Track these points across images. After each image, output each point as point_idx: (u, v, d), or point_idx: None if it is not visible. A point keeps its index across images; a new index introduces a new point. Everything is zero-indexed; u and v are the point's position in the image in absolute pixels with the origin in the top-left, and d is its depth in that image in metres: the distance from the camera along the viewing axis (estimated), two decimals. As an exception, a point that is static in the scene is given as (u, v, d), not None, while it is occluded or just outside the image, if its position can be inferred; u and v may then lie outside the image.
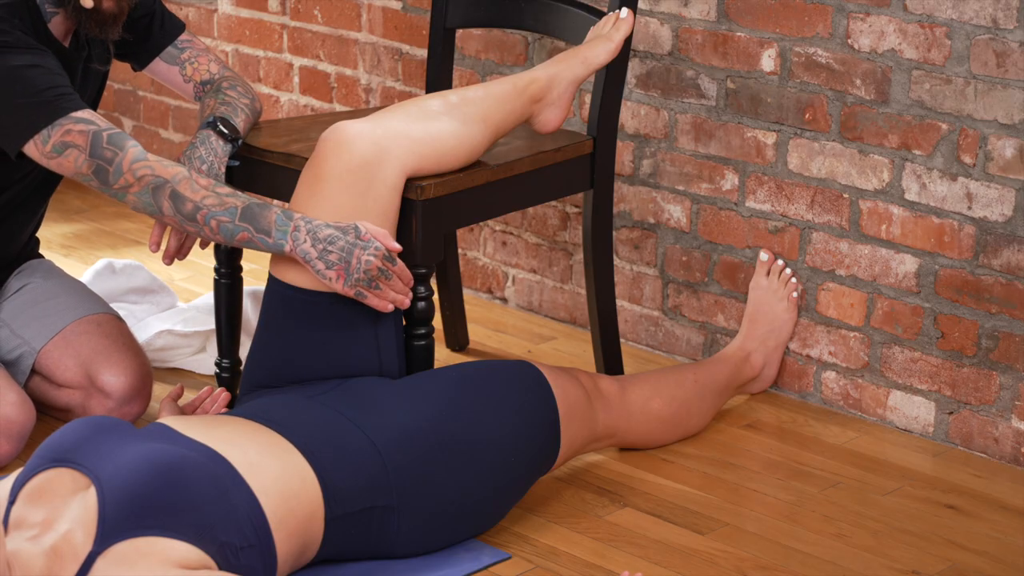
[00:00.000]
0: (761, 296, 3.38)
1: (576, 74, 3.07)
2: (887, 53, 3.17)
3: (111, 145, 2.89)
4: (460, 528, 2.75)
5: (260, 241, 2.82)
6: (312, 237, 2.78)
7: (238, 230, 2.83)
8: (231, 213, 2.83)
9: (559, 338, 3.72)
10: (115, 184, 2.89)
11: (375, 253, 2.76)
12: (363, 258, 2.75)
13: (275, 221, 2.81)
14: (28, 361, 3.20)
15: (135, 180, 2.87)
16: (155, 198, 2.87)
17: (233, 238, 2.84)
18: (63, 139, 2.89)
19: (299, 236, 2.79)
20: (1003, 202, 3.06)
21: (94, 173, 2.90)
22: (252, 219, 2.82)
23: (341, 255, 2.76)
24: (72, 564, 2.35)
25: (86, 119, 2.90)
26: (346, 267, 2.76)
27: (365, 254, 2.76)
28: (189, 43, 3.26)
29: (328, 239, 2.77)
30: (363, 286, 2.77)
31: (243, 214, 2.83)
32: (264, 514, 2.48)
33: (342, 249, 2.76)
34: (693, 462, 3.14)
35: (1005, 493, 3.03)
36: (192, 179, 2.87)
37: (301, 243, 2.78)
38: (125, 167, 2.88)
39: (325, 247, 2.77)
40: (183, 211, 2.86)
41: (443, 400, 2.75)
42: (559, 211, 3.75)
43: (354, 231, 2.77)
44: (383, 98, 4.03)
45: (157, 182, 2.86)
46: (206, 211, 2.84)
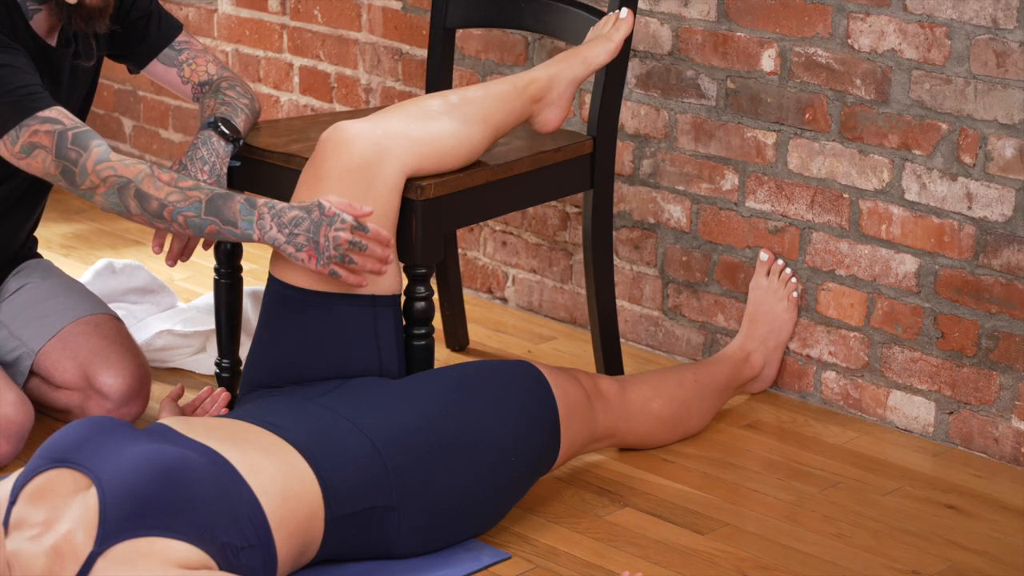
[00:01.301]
0: (761, 296, 3.38)
1: (576, 74, 3.07)
2: (887, 53, 3.17)
3: (75, 145, 2.88)
4: (460, 528, 2.75)
5: (228, 232, 2.81)
6: (277, 222, 2.76)
7: (205, 223, 2.82)
8: (196, 207, 2.82)
9: (559, 338, 3.72)
10: (82, 185, 2.87)
11: (342, 226, 2.73)
12: (330, 235, 2.73)
13: (239, 211, 2.79)
14: (26, 362, 3.20)
15: (100, 181, 2.86)
16: (121, 198, 2.86)
17: (202, 231, 2.83)
18: (30, 140, 2.88)
19: (264, 224, 2.77)
20: (1003, 202, 3.06)
21: (61, 174, 2.89)
22: (217, 211, 2.81)
23: (308, 235, 2.74)
24: (73, 564, 2.35)
25: (53, 118, 2.89)
26: (315, 246, 2.74)
27: (332, 230, 2.73)
28: (187, 44, 3.25)
29: (293, 221, 2.75)
30: (336, 263, 2.74)
31: (208, 207, 2.82)
32: (264, 514, 2.48)
33: (308, 229, 2.74)
34: (693, 462, 3.14)
35: (1005, 493, 3.03)
36: (154, 176, 2.85)
37: (268, 231, 2.77)
38: (89, 168, 2.87)
39: (291, 230, 2.75)
40: (149, 209, 2.85)
41: (443, 400, 2.75)
42: (559, 211, 3.75)
43: (318, 208, 2.74)
44: (383, 98, 4.03)
45: (121, 182, 2.85)
46: (171, 207, 2.83)
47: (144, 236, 4.36)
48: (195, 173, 3.01)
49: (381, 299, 2.84)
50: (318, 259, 2.74)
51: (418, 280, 2.92)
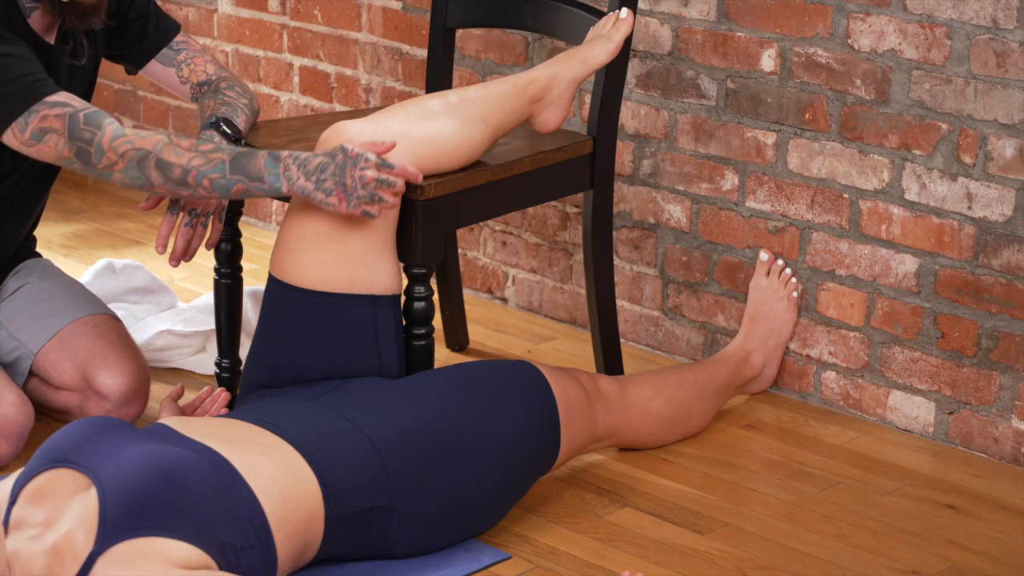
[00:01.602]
0: (761, 296, 3.38)
1: (576, 74, 3.07)
2: (887, 53, 3.17)
3: (88, 125, 2.86)
4: (460, 528, 2.75)
5: (256, 189, 2.80)
6: (304, 171, 2.76)
7: (232, 183, 2.81)
8: (220, 168, 2.81)
9: (559, 338, 3.72)
10: (99, 164, 2.85)
11: (366, 165, 2.73)
12: (356, 175, 2.73)
13: (264, 165, 2.79)
14: (26, 363, 3.20)
15: (118, 157, 2.84)
16: (142, 171, 2.83)
17: (229, 192, 2.82)
18: (41, 125, 2.86)
19: (291, 174, 2.77)
20: (1003, 202, 3.06)
21: (76, 156, 2.87)
22: (242, 169, 2.80)
23: (336, 179, 2.74)
24: (73, 564, 2.35)
25: (61, 102, 2.87)
26: (344, 189, 2.74)
27: (357, 170, 2.73)
28: (185, 44, 3.25)
29: (319, 168, 2.75)
30: (367, 203, 2.74)
31: (232, 167, 2.80)
32: (264, 514, 2.48)
33: (334, 174, 2.74)
34: (693, 462, 3.14)
35: (1005, 493, 3.03)
36: (173, 144, 2.83)
37: (296, 181, 2.76)
38: (106, 145, 2.84)
39: (318, 177, 2.75)
40: (172, 177, 2.83)
41: (443, 400, 2.75)
42: (559, 211, 3.75)
43: (341, 152, 2.75)
44: (383, 98, 4.03)
45: (140, 155, 2.83)
46: (195, 172, 2.81)
47: (144, 236, 4.36)
48: None
49: (381, 299, 2.84)
50: (348, 202, 2.74)
51: (418, 280, 2.92)
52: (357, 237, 2.80)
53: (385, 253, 2.84)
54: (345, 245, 2.80)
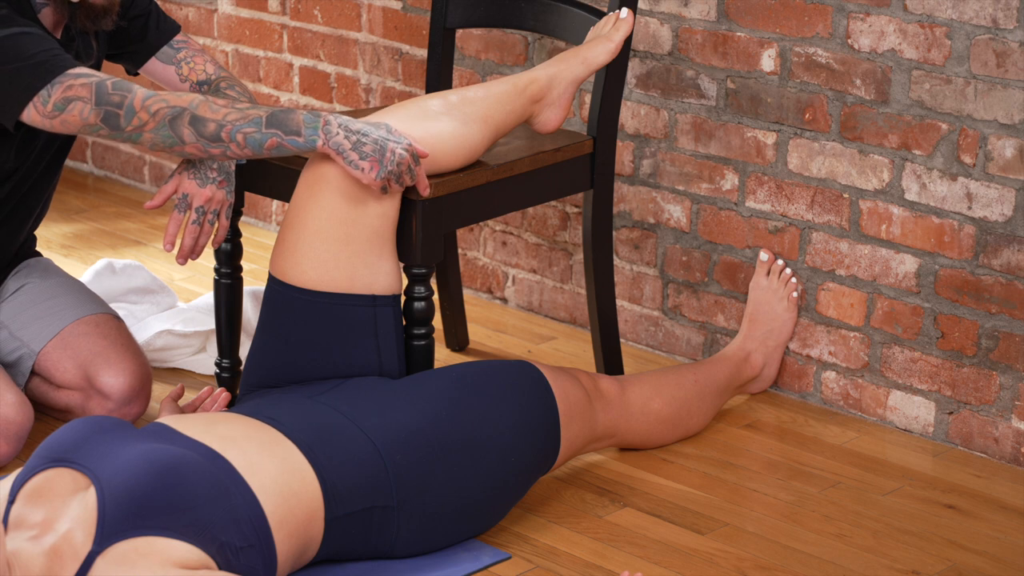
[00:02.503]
0: (761, 296, 3.38)
1: (576, 74, 3.07)
2: (887, 53, 3.17)
3: (118, 90, 2.84)
4: (460, 528, 2.75)
5: (291, 143, 2.79)
6: (345, 130, 2.77)
7: (266, 137, 2.79)
8: (256, 123, 2.80)
9: (559, 338, 3.72)
10: (127, 127, 2.83)
11: (408, 148, 2.77)
12: (397, 151, 2.76)
13: (303, 120, 2.79)
14: (27, 363, 3.20)
15: (150, 117, 2.82)
16: (174, 129, 2.81)
17: (262, 148, 2.80)
18: (65, 95, 2.85)
19: (331, 130, 2.77)
20: (1003, 202, 3.06)
21: (103, 121, 2.84)
22: (279, 124, 2.79)
23: (376, 147, 2.76)
24: (72, 564, 2.35)
25: (86, 73, 2.86)
26: (380, 158, 2.75)
27: (399, 148, 2.76)
28: (185, 43, 3.25)
29: (361, 131, 2.77)
30: (393, 179, 2.77)
31: (269, 121, 2.80)
32: (264, 514, 2.48)
33: (376, 142, 2.76)
34: (693, 462, 3.14)
35: (1005, 493, 3.03)
36: (209, 101, 2.83)
37: (334, 135, 2.77)
38: (138, 106, 2.82)
39: (359, 139, 2.76)
40: (206, 134, 2.81)
41: (443, 400, 2.75)
42: (559, 211, 3.75)
43: (385, 127, 2.79)
44: (383, 98, 4.03)
45: (174, 112, 2.81)
46: (230, 127, 2.80)
47: (144, 236, 4.36)
48: (205, 171, 3.01)
49: (381, 299, 2.84)
50: (380, 170, 2.75)
51: (418, 280, 2.92)
52: (357, 237, 2.80)
53: (385, 253, 2.84)
54: (345, 245, 2.80)
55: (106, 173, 4.88)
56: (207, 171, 3.02)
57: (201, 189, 3.01)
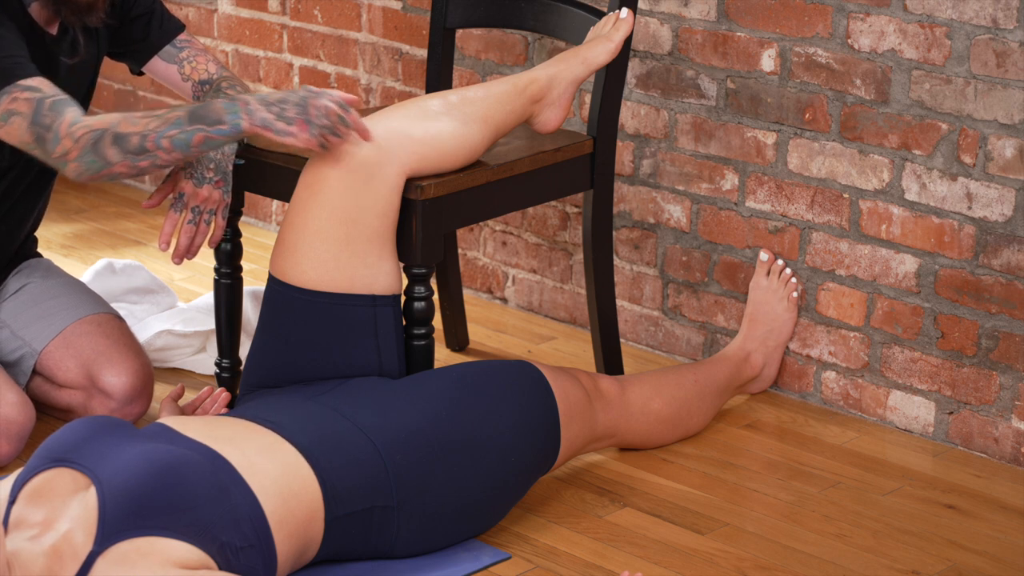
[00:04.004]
0: (761, 296, 3.38)
1: (576, 74, 3.07)
2: (887, 53, 3.17)
3: (51, 111, 2.81)
4: (460, 528, 2.75)
5: (217, 133, 2.76)
6: (265, 104, 2.75)
7: (191, 134, 2.76)
8: (178, 124, 2.77)
9: (559, 338, 3.72)
10: (54, 152, 2.80)
11: (331, 99, 2.74)
12: (320, 104, 2.73)
13: (223, 108, 2.76)
14: (29, 362, 3.20)
15: (73, 144, 2.78)
16: (98, 153, 2.78)
17: (190, 146, 2.77)
18: (9, 107, 2.82)
19: (252, 108, 2.75)
20: (1003, 202, 3.07)
21: (36, 141, 2.82)
22: (201, 118, 2.77)
23: (299, 108, 2.74)
24: (72, 564, 2.35)
25: (34, 87, 2.83)
26: (306, 118, 2.73)
27: (321, 101, 2.74)
28: (188, 43, 3.25)
29: (280, 100, 2.75)
30: (327, 133, 2.74)
31: (190, 118, 2.77)
32: (264, 514, 2.48)
33: (296, 104, 2.74)
34: (693, 462, 3.14)
35: (1005, 493, 3.03)
36: (129, 116, 2.80)
37: (256, 112, 2.75)
38: (63, 132, 2.79)
39: (281, 108, 2.74)
40: (131, 148, 2.77)
41: (443, 400, 2.75)
42: (559, 211, 3.75)
43: (304, 88, 2.77)
44: (383, 98, 4.03)
45: (96, 135, 2.78)
46: (153, 135, 2.77)
47: (144, 236, 4.36)
48: (202, 171, 3.01)
49: (381, 299, 2.84)
50: (310, 129, 2.73)
51: (418, 280, 2.92)
52: (357, 237, 2.80)
53: (385, 253, 2.84)
54: (345, 245, 2.80)
55: (106, 173, 4.87)
56: (204, 171, 3.02)
57: (197, 189, 3.02)
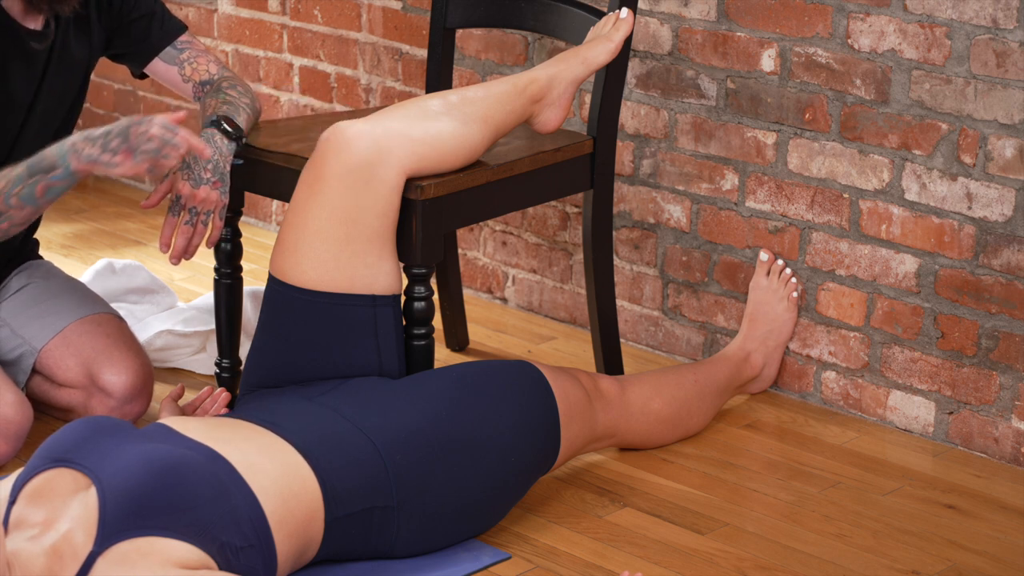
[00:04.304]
0: (761, 296, 3.38)
1: (576, 74, 3.07)
2: (887, 53, 3.17)
3: None
4: (460, 528, 2.75)
5: (55, 179, 2.79)
6: (90, 141, 2.77)
7: (33, 187, 2.79)
8: (19, 180, 2.81)
9: (559, 338, 3.72)
10: None
11: (151, 123, 2.75)
12: (141, 130, 2.75)
13: (55, 153, 2.79)
14: (29, 361, 3.20)
15: None
16: None
17: (36, 199, 2.80)
18: None
19: (77, 147, 2.77)
20: (1003, 202, 3.07)
21: None
22: (37, 169, 2.79)
23: (121, 138, 2.75)
24: (72, 564, 2.35)
25: None
26: (129, 145, 2.75)
27: (141, 127, 2.75)
28: (189, 44, 3.25)
29: (105, 133, 2.77)
30: (152, 157, 2.75)
31: (29, 171, 2.80)
32: (264, 514, 2.48)
33: (120, 134, 2.76)
34: (693, 462, 3.14)
35: (1005, 493, 3.03)
36: None
37: (83, 151, 2.76)
38: None
39: (104, 140, 2.76)
40: None
41: (443, 400, 2.75)
42: (559, 211, 3.75)
43: (126, 119, 2.78)
44: (383, 98, 4.03)
45: None
46: (2, 196, 2.81)
47: (144, 236, 4.36)
48: (199, 172, 3.01)
49: (381, 299, 2.84)
50: (134, 156, 2.74)
51: (418, 280, 2.92)
52: (357, 237, 2.80)
53: (385, 253, 2.84)
54: (345, 245, 2.80)
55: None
56: (201, 172, 3.02)
57: (194, 190, 3.01)
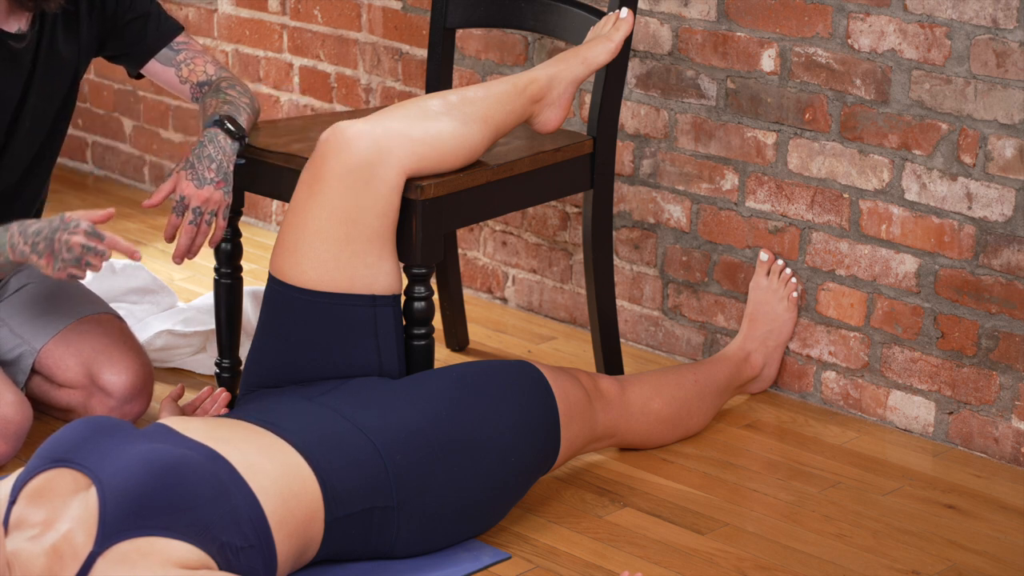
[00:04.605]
0: (761, 296, 3.38)
1: (576, 74, 3.07)
2: (887, 53, 3.17)
3: None
4: (460, 528, 2.75)
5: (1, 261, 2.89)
6: (23, 235, 2.86)
7: None
8: None
9: (559, 338, 3.72)
10: None
11: (75, 230, 2.82)
12: (64, 238, 2.82)
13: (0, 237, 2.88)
14: (28, 360, 3.20)
15: None
16: None
17: None
18: None
19: (14, 241, 2.87)
20: (1003, 202, 3.07)
21: None
22: None
23: (47, 243, 2.83)
24: (72, 564, 2.35)
25: None
26: (51, 251, 2.83)
27: (65, 234, 2.82)
28: (185, 44, 3.24)
29: (36, 232, 2.85)
30: (73, 267, 2.83)
31: None
32: (264, 514, 2.48)
33: (46, 238, 2.84)
34: (693, 462, 3.14)
35: (1005, 493, 3.03)
36: None
37: (17, 246, 2.87)
38: None
39: (35, 240, 2.85)
40: None
41: (443, 400, 2.75)
42: (559, 211, 3.75)
43: (59, 218, 2.85)
44: (383, 98, 4.03)
45: None
46: None
47: (144, 236, 4.36)
48: (203, 171, 3.01)
49: (381, 299, 2.84)
50: (54, 263, 2.84)
51: (418, 280, 2.92)
52: (357, 237, 2.80)
53: (385, 253, 2.84)
54: (345, 245, 2.80)
55: (106, 173, 4.88)
56: (204, 171, 3.02)
57: (198, 190, 3.01)
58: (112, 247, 2.84)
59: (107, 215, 2.84)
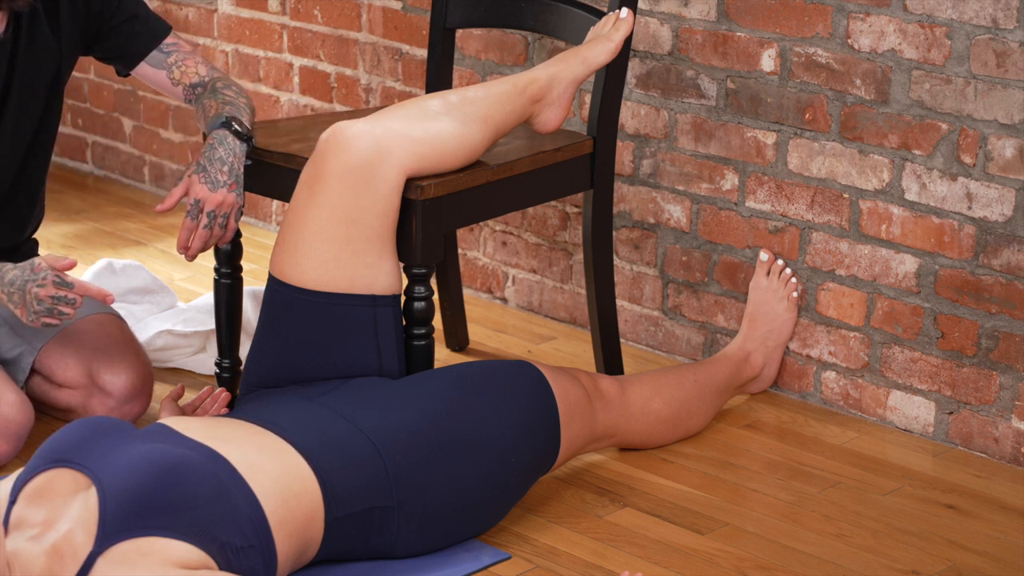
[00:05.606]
0: (761, 296, 3.38)
1: (576, 74, 3.07)
2: (887, 53, 3.17)
3: None
4: (460, 528, 2.75)
5: None
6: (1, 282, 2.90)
7: None
8: None
9: (559, 338, 3.72)
10: None
11: (43, 282, 2.86)
12: (33, 291, 2.87)
13: None
14: (28, 360, 3.20)
15: None
16: None
17: None
18: None
19: None
20: (1003, 202, 3.07)
21: None
22: None
23: (18, 295, 2.88)
24: (73, 564, 2.35)
25: None
26: (24, 303, 2.88)
27: (34, 286, 2.87)
28: (175, 46, 3.23)
29: (10, 282, 2.90)
30: (46, 316, 2.88)
31: None
32: (264, 514, 2.48)
33: (18, 289, 2.88)
34: (693, 462, 3.14)
35: (1005, 493, 3.03)
36: None
37: None
38: None
39: (9, 289, 2.89)
40: None
41: (443, 400, 2.75)
42: (559, 211, 3.75)
43: (29, 266, 2.89)
44: (383, 98, 4.03)
45: None
46: None
47: (144, 236, 4.36)
48: (215, 174, 2.99)
49: (381, 299, 2.84)
50: (27, 315, 2.89)
51: (418, 280, 2.92)
52: (357, 237, 2.80)
53: (385, 253, 2.84)
54: (345, 245, 2.80)
55: (106, 173, 4.88)
56: (217, 174, 3.01)
57: (212, 193, 3.00)
58: (82, 294, 2.88)
59: (70, 264, 2.87)
